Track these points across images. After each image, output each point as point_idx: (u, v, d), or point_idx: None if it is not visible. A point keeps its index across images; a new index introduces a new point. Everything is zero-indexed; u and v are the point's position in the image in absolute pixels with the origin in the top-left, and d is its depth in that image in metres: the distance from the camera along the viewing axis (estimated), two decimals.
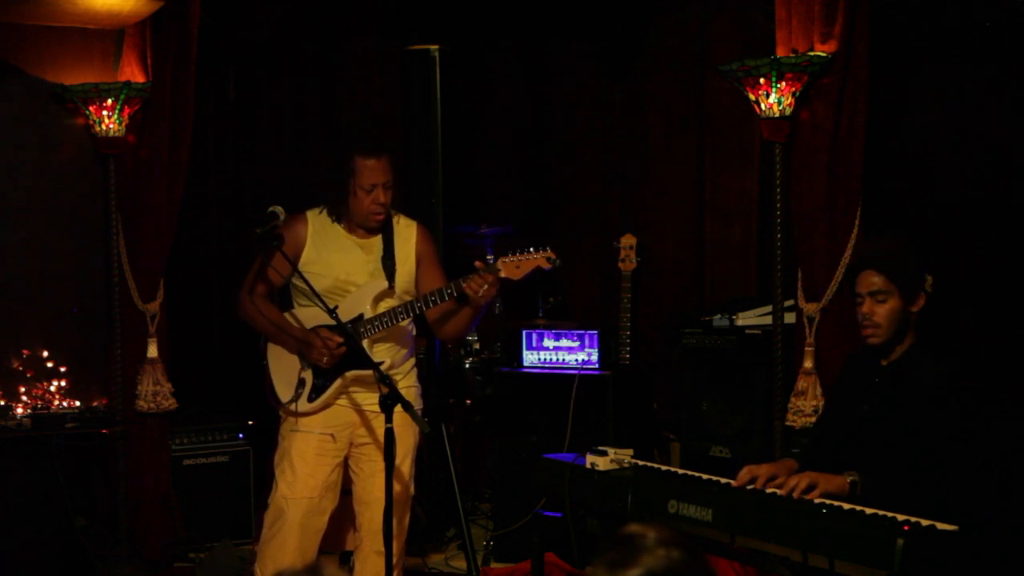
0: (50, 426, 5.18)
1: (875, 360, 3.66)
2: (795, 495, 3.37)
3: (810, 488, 3.37)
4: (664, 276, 6.04)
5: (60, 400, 5.46)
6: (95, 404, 5.52)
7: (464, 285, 3.99)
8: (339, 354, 4.10)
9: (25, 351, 5.49)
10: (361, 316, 4.13)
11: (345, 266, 4.21)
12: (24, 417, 5.23)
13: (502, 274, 3.98)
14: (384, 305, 4.17)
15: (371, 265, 4.22)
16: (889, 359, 3.63)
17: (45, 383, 5.48)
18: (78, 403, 5.47)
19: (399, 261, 4.23)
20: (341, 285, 4.18)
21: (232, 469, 5.75)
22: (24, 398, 5.41)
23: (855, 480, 3.43)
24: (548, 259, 4.00)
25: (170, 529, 5.54)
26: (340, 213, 4.23)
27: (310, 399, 4.20)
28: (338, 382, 4.18)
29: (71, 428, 5.24)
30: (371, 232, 4.25)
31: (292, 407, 4.22)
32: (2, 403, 5.31)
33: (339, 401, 4.24)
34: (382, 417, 3.77)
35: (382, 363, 4.00)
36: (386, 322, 4.11)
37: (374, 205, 4.15)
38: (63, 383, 5.51)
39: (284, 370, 4.26)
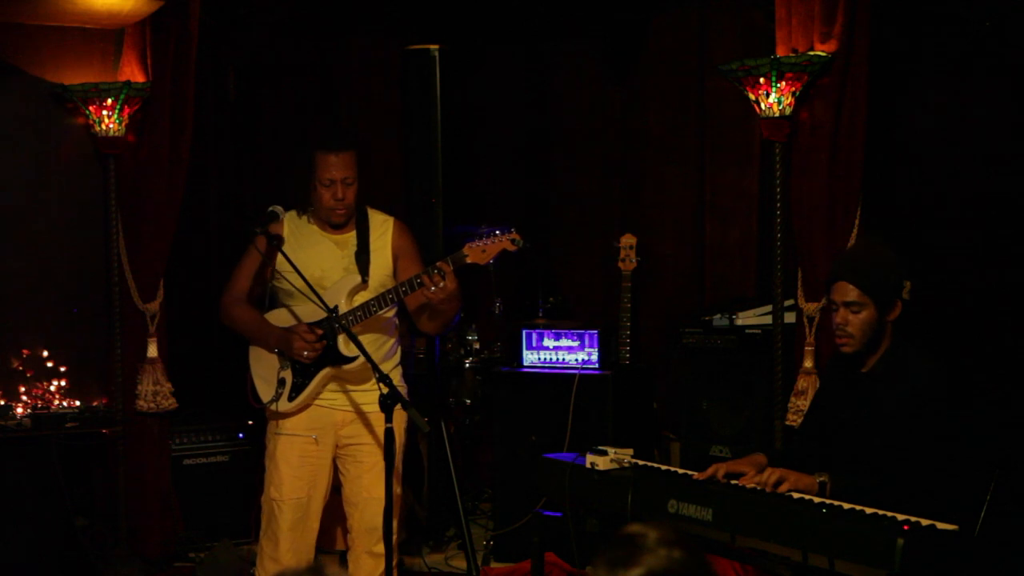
0: (50, 426, 5.17)
1: (853, 367, 3.65)
2: (766, 490, 3.39)
3: (779, 483, 3.40)
4: (664, 276, 6.04)
5: (60, 400, 5.46)
6: (95, 404, 5.52)
7: (418, 288, 4.00)
8: (319, 347, 4.11)
9: (25, 351, 5.49)
10: (336, 310, 4.14)
11: (319, 263, 4.22)
12: (24, 417, 5.22)
13: (469, 259, 4.02)
14: (359, 299, 4.18)
15: (345, 261, 4.25)
16: (866, 366, 3.62)
17: (45, 383, 5.48)
18: (78, 403, 5.47)
19: (373, 255, 4.25)
20: (316, 281, 4.17)
21: (232, 469, 5.75)
22: (24, 398, 5.41)
23: (824, 481, 3.44)
24: (512, 240, 4.04)
25: (170, 529, 5.54)
26: (309, 210, 4.26)
27: (290, 398, 4.22)
28: (317, 379, 4.19)
29: (71, 428, 5.24)
30: (343, 228, 4.26)
31: (273, 407, 4.24)
32: (2, 403, 5.30)
33: (320, 402, 4.25)
34: (366, 418, 3.78)
35: (357, 357, 4.00)
36: (359, 316, 4.12)
37: (333, 200, 4.18)
38: (63, 383, 5.51)
39: (264, 370, 4.28)
